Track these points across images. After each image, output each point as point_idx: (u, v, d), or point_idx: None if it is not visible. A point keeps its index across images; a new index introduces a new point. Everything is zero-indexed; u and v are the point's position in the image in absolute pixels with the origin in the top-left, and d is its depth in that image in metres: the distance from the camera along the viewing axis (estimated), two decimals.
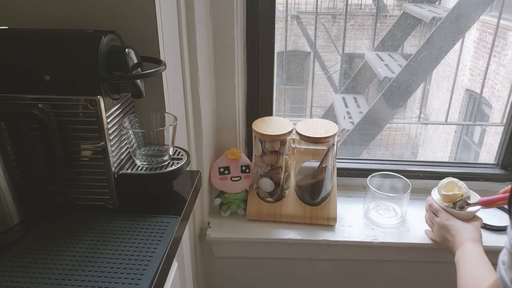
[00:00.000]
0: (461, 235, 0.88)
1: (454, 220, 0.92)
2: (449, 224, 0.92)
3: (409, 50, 3.82)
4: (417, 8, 3.39)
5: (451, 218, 0.93)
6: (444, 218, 0.93)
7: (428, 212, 1.01)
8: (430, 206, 0.99)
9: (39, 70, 0.60)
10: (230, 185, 1.09)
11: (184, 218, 0.68)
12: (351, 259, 1.11)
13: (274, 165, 1.05)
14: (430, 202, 0.99)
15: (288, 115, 4.66)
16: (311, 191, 1.07)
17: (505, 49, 3.36)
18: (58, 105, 0.62)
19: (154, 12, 0.69)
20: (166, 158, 0.71)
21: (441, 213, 0.95)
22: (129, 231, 0.63)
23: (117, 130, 0.68)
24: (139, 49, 0.67)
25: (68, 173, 0.66)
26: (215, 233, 1.07)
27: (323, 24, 4.77)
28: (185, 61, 0.86)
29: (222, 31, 0.98)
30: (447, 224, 0.92)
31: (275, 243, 1.07)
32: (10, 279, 0.54)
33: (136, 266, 0.56)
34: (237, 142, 1.14)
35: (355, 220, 1.11)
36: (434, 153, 4.47)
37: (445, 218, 0.93)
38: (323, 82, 4.84)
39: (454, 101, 3.98)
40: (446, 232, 0.92)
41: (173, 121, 0.70)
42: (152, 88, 0.73)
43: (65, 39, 0.63)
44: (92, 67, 0.61)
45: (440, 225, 0.94)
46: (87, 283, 0.53)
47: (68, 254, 0.58)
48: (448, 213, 0.94)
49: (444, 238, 0.93)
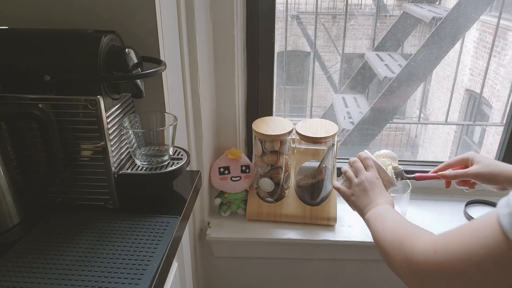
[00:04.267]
0: (383, 197, 0.81)
1: (380, 182, 0.85)
2: (378, 182, 0.84)
3: (409, 50, 3.83)
4: (417, 8, 3.39)
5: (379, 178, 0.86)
6: (374, 176, 0.85)
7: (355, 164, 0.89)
8: (365, 159, 0.89)
9: (39, 70, 0.60)
10: (230, 185, 1.09)
11: (184, 218, 0.68)
12: (351, 259, 1.11)
13: (274, 165, 1.05)
14: (366, 155, 0.90)
15: (288, 115, 4.66)
16: (311, 191, 1.07)
17: (505, 49, 3.36)
18: (58, 105, 0.62)
19: (154, 12, 0.69)
20: (166, 158, 0.71)
21: (372, 169, 0.87)
22: (129, 231, 0.63)
23: (117, 130, 0.68)
24: (139, 49, 0.67)
25: (68, 173, 0.66)
26: (215, 233, 1.07)
27: (323, 24, 4.77)
28: (185, 61, 0.86)
29: (222, 31, 0.98)
30: (376, 181, 0.84)
31: (275, 243, 1.07)
32: (10, 279, 0.54)
33: (136, 266, 0.56)
34: (237, 142, 1.14)
35: (355, 220, 1.11)
36: (434, 153, 4.47)
37: (375, 176, 0.86)
38: (323, 82, 4.84)
39: (454, 101, 3.98)
40: (371, 187, 0.83)
41: (173, 121, 0.70)
42: (152, 88, 0.73)
43: (65, 39, 0.63)
44: (92, 67, 0.61)
45: (368, 180, 0.84)
46: (87, 283, 0.53)
47: (68, 254, 0.58)
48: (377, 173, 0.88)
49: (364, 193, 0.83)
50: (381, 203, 0.78)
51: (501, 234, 0.45)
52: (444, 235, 0.53)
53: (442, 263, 0.51)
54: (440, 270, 0.51)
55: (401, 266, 0.60)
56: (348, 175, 0.89)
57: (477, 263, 0.47)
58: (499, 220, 0.46)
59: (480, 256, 0.47)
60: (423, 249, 0.54)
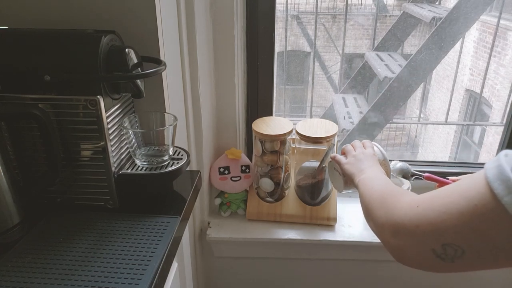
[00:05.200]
0: (377, 167, 0.79)
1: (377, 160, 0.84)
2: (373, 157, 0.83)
3: (409, 50, 3.83)
4: (417, 8, 3.39)
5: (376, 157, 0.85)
6: (371, 152, 0.85)
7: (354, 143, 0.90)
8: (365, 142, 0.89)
9: (39, 70, 0.60)
10: (230, 185, 1.09)
11: (184, 218, 0.68)
12: (351, 259, 1.11)
13: (274, 165, 1.05)
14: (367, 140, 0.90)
15: (288, 115, 4.66)
16: (311, 191, 1.07)
17: (505, 49, 3.36)
18: (58, 105, 0.62)
19: (154, 12, 0.69)
20: (166, 158, 0.71)
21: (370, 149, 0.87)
22: (129, 231, 0.63)
23: (117, 130, 0.68)
24: (139, 49, 0.67)
25: (68, 173, 0.66)
26: (215, 233, 1.07)
27: (323, 24, 4.77)
28: (185, 61, 0.86)
29: (222, 31, 0.98)
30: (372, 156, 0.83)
31: (275, 243, 1.07)
32: (10, 279, 0.54)
33: (136, 266, 0.56)
34: (237, 142, 1.14)
35: (355, 220, 1.11)
36: (434, 153, 4.47)
37: (372, 153, 0.85)
38: (323, 82, 4.85)
39: (454, 101, 3.98)
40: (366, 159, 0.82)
41: (173, 121, 0.70)
42: (152, 88, 0.73)
43: (65, 39, 0.63)
44: (92, 67, 0.61)
45: (364, 153, 0.84)
46: (87, 283, 0.53)
47: (68, 254, 0.58)
48: None
49: (358, 161, 0.82)
50: (375, 171, 0.77)
51: (485, 186, 0.43)
52: (431, 192, 0.52)
53: (421, 217, 0.49)
54: (417, 224, 0.49)
55: (380, 221, 0.57)
56: (346, 149, 0.88)
57: (457, 216, 0.45)
58: (485, 173, 0.44)
59: (461, 208, 0.45)
60: (406, 204, 0.53)
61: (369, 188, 0.68)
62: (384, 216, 0.56)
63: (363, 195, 0.69)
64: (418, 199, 0.52)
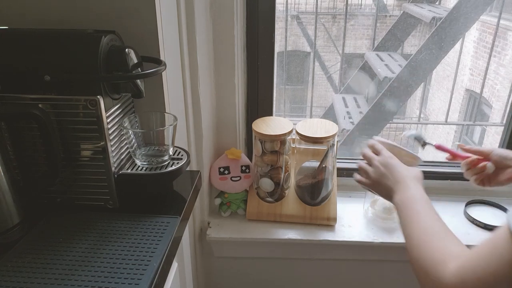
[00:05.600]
0: (403, 173, 0.76)
1: (397, 160, 0.81)
2: (391, 162, 0.80)
3: (409, 50, 3.83)
4: (417, 8, 3.40)
5: (394, 157, 0.81)
6: (387, 156, 0.82)
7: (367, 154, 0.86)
8: (372, 146, 0.86)
9: (39, 70, 0.60)
10: (230, 185, 1.09)
11: (184, 218, 0.68)
12: (351, 259, 1.11)
13: (274, 165, 1.05)
14: (371, 143, 0.87)
15: (288, 115, 4.66)
16: (311, 191, 1.07)
17: (505, 49, 3.36)
18: (58, 105, 0.62)
19: (154, 12, 0.69)
20: (166, 158, 0.71)
21: (384, 151, 0.83)
22: (129, 231, 0.63)
23: (117, 130, 0.68)
24: (139, 49, 0.67)
25: (68, 173, 0.66)
26: (215, 233, 1.07)
27: (323, 24, 4.77)
28: (185, 61, 0.86)
29: (222, 31, 0.98)
30: (390, 161, 0.80)
31: (275, 243, 1.07)
32: (10, 279, 0.54)
33: (136, 266, 0.56)
34: (237, 142, 1.14)
35: (355, 220, 1.11)
36: (434, 153, 4.47)
37: (388, 156, 0.82)
38: (323, 82, 4.85)
39: (454, 101, 3.98)
40: (388, 169, 0.79)
41: (173, 121, 0.70)
42: (152, 88, 0.73)
43: (65, 39, 0.63)
44: (92, 67, 0.61)
45: (381, 163, 0.81)
46: (87, 283, 0.53)
47: (68, 254, 0.58)
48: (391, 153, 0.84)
49: (383, 178, 0.79)
50: (405, 182, 0.74)
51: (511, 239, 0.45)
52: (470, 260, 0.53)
53: None
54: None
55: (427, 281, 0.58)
56: (361, 167, 0.86)
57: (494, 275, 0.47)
58: (510, 226, 0.46)
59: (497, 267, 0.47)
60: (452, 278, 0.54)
61: (408, 227, 0.67)
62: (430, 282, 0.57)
63: (403, 228, 0.68)
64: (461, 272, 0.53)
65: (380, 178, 0.80)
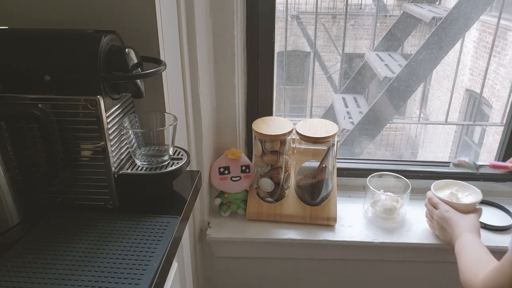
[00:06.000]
0: (460, 227, 0.89)
1: (453, 212, 0.93)
2: (448, 215, 0.93)
3: (409, 50, 3.83)
4: (417, 8, 3.40)
5: (450, 210, 0.94)
6: (443, 210, 0.94)
7: (427, 207, 1.01)
8: (430, 199, 0.99)
9: (39, 70, 0.60)
10: (230, 185, 1.09)
11: (184, 218, 0.68)
12: (351, 259, 1.11)
13: (274, 165, 1.05)
14: (429, 196, 1.00)
15: (288, 115, 4.66)
16: (311, 191, 1.07)
17: (505, 49, 3.36)
18: (58, 105, 0.62)
19: (154, 12, 0.69)
20: (166, 158, 0.71)
21: (440, 205, 0.96)
22: (129, 231, 0.63)
23: (117, 130, 0.68)
24: (139, 49, 0.67)
25: (68, 173, 0.66)
26: (215, 233, 1.07)
27: (323, 24, 4.77)
28: (185, 61, 0.86)
29: (222, 31, 0.98)
30: (446, 215, 0.93)
31: (275, 243, 1.07)
32: (10, 279, 0.54)
33: (136, 266, 0.56)
34: (237, 142, 1.14)
35: (355, 220, 1.11)
36: (434, 153, 4.47)
37: (444, 209, 0.94)
38: (323, 82, 4.85)
39: (454, 101, 3.98)
40: (445, 223, 0.93)
41: (173, 121, 0.70)
42: (152, 88, 0.73)
43: (65, 39, 0.63)
44: (92, 67, 0.61)
45: (439, 217, 0.95)
46: (87, 283, 0.53)
47: (68, 254, 0.58)
48: (447, 205, 0.96)
49: (443, 230, 0.94)
50: (461, 233, 0.87)
51: None
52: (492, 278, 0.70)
53: None
54: None
55: None
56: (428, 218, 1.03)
57: None
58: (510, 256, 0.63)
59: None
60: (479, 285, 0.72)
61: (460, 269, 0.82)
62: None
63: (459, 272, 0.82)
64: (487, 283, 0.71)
65: (441, 232, 0.96)
